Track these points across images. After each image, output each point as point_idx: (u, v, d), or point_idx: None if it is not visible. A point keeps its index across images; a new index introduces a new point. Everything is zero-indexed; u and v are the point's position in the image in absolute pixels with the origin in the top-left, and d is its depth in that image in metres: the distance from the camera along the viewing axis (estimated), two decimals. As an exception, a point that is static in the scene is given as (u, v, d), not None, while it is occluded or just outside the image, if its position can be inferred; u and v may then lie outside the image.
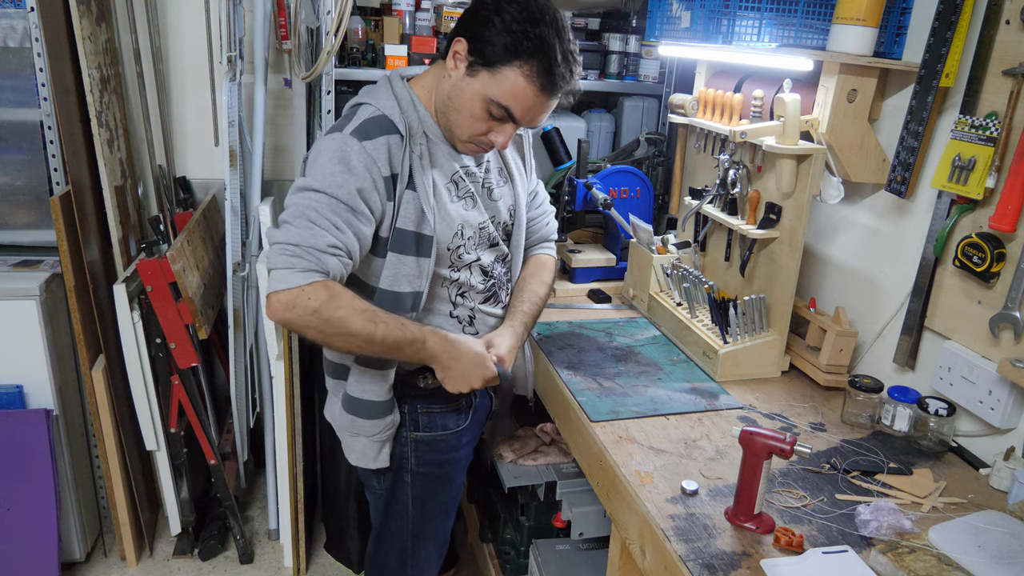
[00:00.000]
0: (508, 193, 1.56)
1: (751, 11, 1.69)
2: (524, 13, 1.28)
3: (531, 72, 1.28)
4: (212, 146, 2.57)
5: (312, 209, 1.27)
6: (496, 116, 1.34)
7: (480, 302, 1.53)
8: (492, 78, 1.31)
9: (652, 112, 2.61)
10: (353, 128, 1.33)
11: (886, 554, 1.14)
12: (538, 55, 1.28)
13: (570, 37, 1.32)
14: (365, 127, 1.33)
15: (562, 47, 1.29)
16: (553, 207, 1.76)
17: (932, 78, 1.51)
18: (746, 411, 1.61)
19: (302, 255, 1.25)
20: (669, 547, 1.18)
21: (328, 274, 1.27)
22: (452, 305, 1.49)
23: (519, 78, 1.29)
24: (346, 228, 1.29)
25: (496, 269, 1.55)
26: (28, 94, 2.07)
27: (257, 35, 2.17)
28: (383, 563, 1.70)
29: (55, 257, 2.15)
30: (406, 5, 2.36)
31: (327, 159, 1.31)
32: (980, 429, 1.49)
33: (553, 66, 1.29)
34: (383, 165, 1.32)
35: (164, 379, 2.21)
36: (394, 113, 1.37)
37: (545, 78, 1.29)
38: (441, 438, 1.57)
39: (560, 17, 1.31)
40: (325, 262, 1.26)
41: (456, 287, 1.48)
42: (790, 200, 1.69)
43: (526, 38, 1.27)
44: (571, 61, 1.32)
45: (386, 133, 1.34)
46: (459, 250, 1.45)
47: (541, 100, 1.33)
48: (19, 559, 2.18)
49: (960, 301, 1.51)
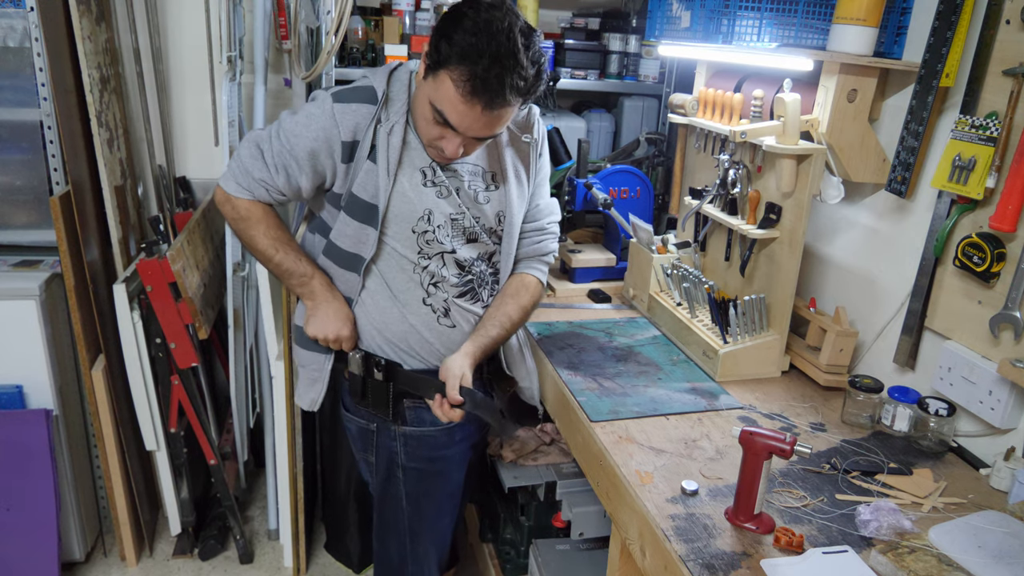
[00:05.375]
0: (498, 198, 1.55)
1: (751, 11, 1.69)
2: (474, 23, 1.29)
3: (458, 78, 1.29)
4: (212, 146, 2.57)
5: (267, 142, 1.47)
6: (440, 122, 1.37)
7: (455, 296, 1.54)
8: (434, 82, 1.34)
9: (652, 112, 2.61)
10: (337, 90, 1.46)
11: (886, 554, 1.14)
12: (466, 61, 1.28)
13: (516, 48, 1.28)
14: (347, 92, 1.45)
15: (495, 56, 1.27)
16: (557, 230, 1.70)
17: (932, 78, 1.51)
18: (746, 411, 1.61)
19: (241, 173, 1.49)
20: (669, 547, 1.18)
21: (255, 196, 1.49)
22: (425, 292, 1.52)
23: (449, 83, 1.31)
24: (282, 172, 1.46)
25: (477, 266, 1.56)
26: (28, 94, 2.07)
27: (257, 35, 2.17)
28: (387, 560, 1.72)
29: (55, 257, 2.14)
30: (406, 5, 2.36)
31: (305, 110, 1.46)
32: (980, 429, 1.49)
33: (477, 73, 1.27)
34: (345, 130, 1.43)
35: (164, 379, 2.21)
36: (380, 87, 1.45)
37: (470, 85, 1.29)
38: (429, 434, 1.58)
39: (513, 30, 1.29)
40: (255, 188, 1.49)
41: (428, 275, 1.51)
42: (790, 200, 1.69)
43: (460, 44, 1.28)
44: (508, 69, 1.28)
45: (361, 101, 1.44)
46: (426, 235, 1.48)
47: (470, 108, 1.32)
48: (19, 559, 2.18)
49: (960, 301, 1.50)
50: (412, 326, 1.52)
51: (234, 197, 1.50)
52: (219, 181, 1.52)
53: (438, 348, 1.55)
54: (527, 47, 1.31)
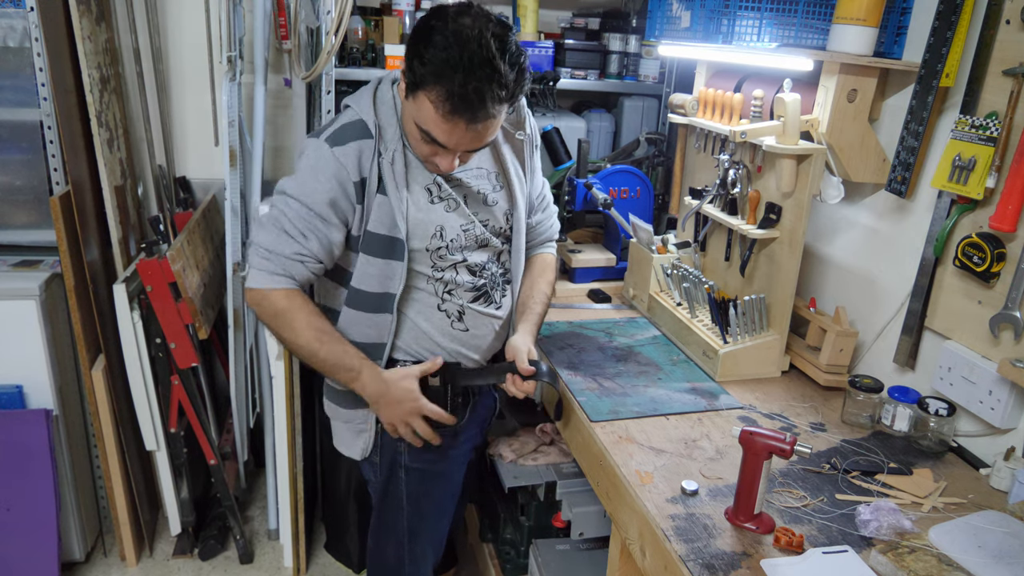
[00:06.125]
0: (504, 199, 1.56)
1: (751, 11, 1.69)
2: (444, 36, 1.25)
3: (436, 98, 1.26)
4: (212, 146, 2.57)
5: (284, 216, 1.39)
6: (429, 141, 1.34)
7: (470, 300, 1.53)
8: (415, 103, 1.32)
9: (652, 112, 2.61)
10: (329, 134, 1.40)
11: (886, 554, 1.14)
12: (441, 79, 1.25)
13: (491, 55, 1.24)
14: (340, 132, 1.40)
15: (469, 69, 1.23)
16: (556, 207, 1.77)
17: (932, 78, 1.51)
18: (746, 411, 1.61)
19: (271, 259, 1.39)
20: (669, 547, 1.18)
21: (294, 278, 1.41)
22: (439, 299, 1.51)
23: (428, 104, 1.28)
24: (312, 236, 1.39)
25: (489, 269, 1.55)
26: (28, 94, 2.07)
27: (257, 35, 2.17)
28: (382, 560, 1.71)
29: (55, 257, 2.14)
30: (406, 5, 2.36)
31: (304, 165, 1.40)
32: (980, 429, 1.49)
33: (454, 90, 1.24)
34: (352, 170, 1.38)
35: (164, 379, 2.21)
36: (369, 118, 1.40)
37: (449, 104, 1.26)
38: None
39: (484, 36, 1.24)
40: (290, 268, 1.40)
41: (442, 284, 1.50)
42: (790, 200, 1.69)
43: (433, 62, 1.24)
44: (485, 80, 1.24)
45: (358, 138, 1.39)
46: (440, 251, 1.47)
47: (454, 126, 1.29)
48: (19, 559, 2.18)
49: (960, 301, 1.50)
50: (424, 332, 1.51)
51: (270, 291, 1.40)
52: (247, 283, 1.42)
53: (455, 348, 1.55)
54: (503, 50, 1.26)
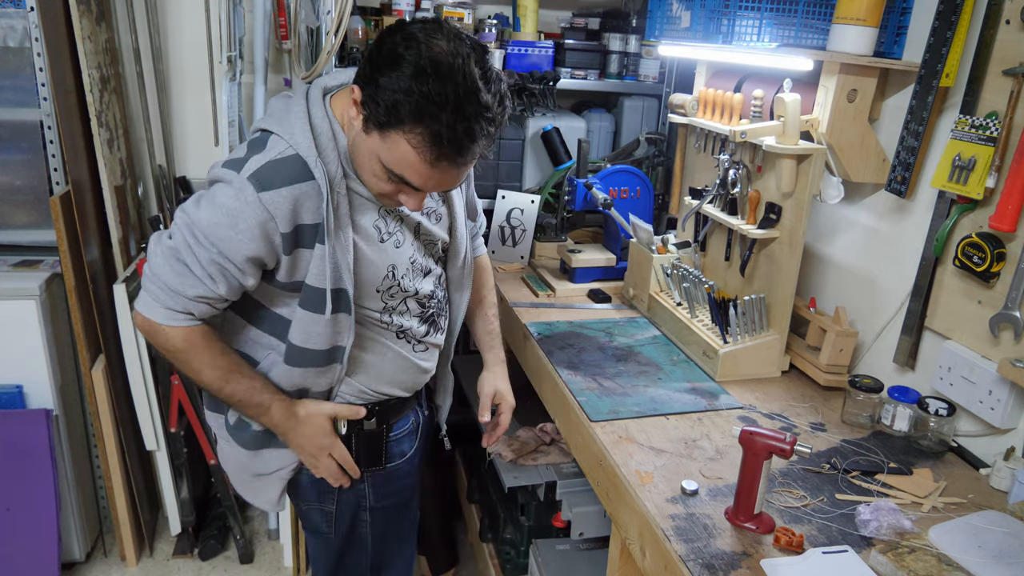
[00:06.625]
0: (447, 213, 1.44)
1: (751, 11, 1.69)
2: (417, 66, 1.05)
3: (419, 142, 1.08)
4: (212, 146, 2.56)
5: (190, 251, 1.17)
6: (397, 180, 1.16)
7: (422, 336, 1.42)
8: (383, 142, 1.11)
9: (652, 112, 2.61)
10: (252, 171, 1.15)
11: (886, 554, 1.14)
12: (424, 120, 1.06)
13: (476, 87, 1.07)
14: (268, 172, 1.15)
15: (457, 105, 1.06)
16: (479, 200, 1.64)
17: (932, 78, 1.51)
18: (746, 411, 1.61)
19: (169, 295, 1.20)
20: (669, 547, 1.18)
21: (194, 316, 1.23)
22: (395, 336, 1.39)
23: (407, 147, 1.09)
24: (219, 279, 1.19)
25: (436, 296, 1.43)
26: (28, 94, 2.07)
27: (257, 35, 2.17)
28: None
29: (55, 257, 2.15)
30: (406, 5, 2.36)
31: (217, 205, 1.16)
32: (980, 429, 1.49)
33: (441, 132, 1.07)
34: (283, 221, 1.16)
35: (164, 379, 2.21)
36: (310, 155, 1.17)
37: (435, 149, 1.08)
38: (398, 467, 1.48)
39: (468, 64, 1.07)
40: (191, 308, 1.22)
41: (394, 328, 1.37)
42: (790, 200, 1.69)
43: (412, 98, 1.05)
44: (473, 117, 1.07)
45: (295, 182, 1.16)
46: (391, 290, 1.33)
47: (439, 169, 1.12)
48: (19, 559, 2.18)
49: (960, 301, 1.50)
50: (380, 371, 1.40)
51: (167, 327, 1.22)
52: (137, 307, 1.23)
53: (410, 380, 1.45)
54: (486, 79, 1.09)
